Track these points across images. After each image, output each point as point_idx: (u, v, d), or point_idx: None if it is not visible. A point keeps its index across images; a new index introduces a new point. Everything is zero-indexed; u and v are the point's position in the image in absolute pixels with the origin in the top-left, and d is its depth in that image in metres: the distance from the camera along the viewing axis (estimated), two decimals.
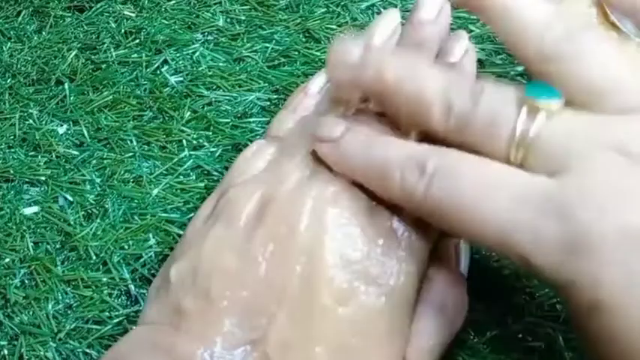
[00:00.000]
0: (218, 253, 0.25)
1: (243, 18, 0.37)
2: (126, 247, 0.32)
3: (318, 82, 0.32)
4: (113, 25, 0.37)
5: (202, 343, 0.23)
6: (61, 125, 0.36)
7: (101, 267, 0.32)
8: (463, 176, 0.22)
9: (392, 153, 0.24)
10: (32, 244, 0.33)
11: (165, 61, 0.37)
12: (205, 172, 0.34)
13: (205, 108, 0.35)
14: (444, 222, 0.23)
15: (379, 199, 0.25)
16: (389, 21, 0.31)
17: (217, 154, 0.34)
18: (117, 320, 0.31)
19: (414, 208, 0.23)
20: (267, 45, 0.37)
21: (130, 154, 0.35)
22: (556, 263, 0.20)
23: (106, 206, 0.33)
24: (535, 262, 0.20)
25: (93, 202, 0.34)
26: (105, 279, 0.32)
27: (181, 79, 0.36)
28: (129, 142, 0.35)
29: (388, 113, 0.26)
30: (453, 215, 0.22)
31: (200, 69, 0.36)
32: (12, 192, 0.34)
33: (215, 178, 0.33)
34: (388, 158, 0.24)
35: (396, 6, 0.37)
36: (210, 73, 0.36)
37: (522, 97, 0.22)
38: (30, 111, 0.36)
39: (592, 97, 0.21)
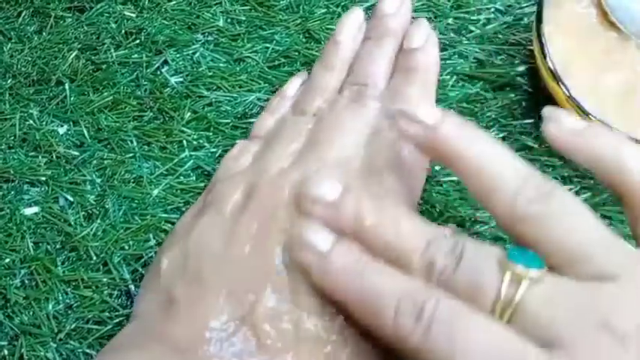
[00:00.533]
0: (206, 238, 0.27)
1: (243, 18, 0.37)
2: (126, 247, 0.32)
3: (294, 85, 0.34)
4: (113, 26, 0.37)
5: (193, 325, 0.24)
6: (62, 126, 0.36)
7: (101, 267, 0.32)
8: (460, 333, 0.21)
9: (386, 286, 0.22)
10: (32, 244, 0.33)
11: (166, 62, 0.37)
12: (205, 172, 0.34)
13: (206, 108, 0.35)
14: None
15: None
16: (354, 18, 0.33)
17: (217, 155, 0.34)
18: (117, 320, 0.31)
19: (403, 347, 0.22)
20: (267, 45, 0.37)
21: (131, 154, 0.35)
22: None
23: (107, 206, 0.33)
24: None
25: (93, 202, 0.34)
26: (105, 279, 0.32)
27: (182, 79, 0.36)
28: (129, 142, 0.35)
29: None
30: None
31: (200, 69, 0.36)
32: (12, 192, 0.34)
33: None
34: (382, 291, 0.22)
35: None
36: (210, 74, 0.36)
37: (505, 262, 0.21)
38: (30, 111, 0.36)
39: (564, 262, 0.22)
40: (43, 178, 0.34)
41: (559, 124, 0.24)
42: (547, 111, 0.25)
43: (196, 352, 0.24)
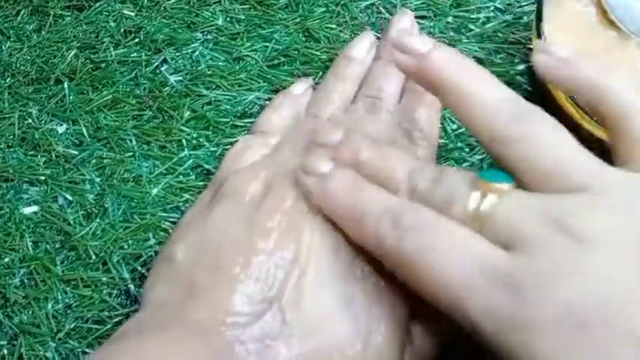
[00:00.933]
0: (225, 225, 0.27)
1: (242, 17, 0.37)
2: (125, 246, 0.32)
3: (300, 87, 0.35)
4: (112, 25, 0.37)
5: (216, 309, 0.25)
6: (61, 125, 0.36)
7: (101, 267, 0.32)
8: (434, 236, 0.23)
9: (372, 200, 0.25)
10: (32, 243, 0.33)
11: (165, 61, 0.37)
12: (205, 171, 0.34)
13: (205, 107, 0.35)
14: (407, 276, 0.24)
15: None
16: (366, 39, 0.35)
17: (217, 154, 0.34)
18: (116, 320, 0.31)
19: (382, 256, 0.25)
20: (266, 44, 0.37)
21: (130, 153, 0.34)
22: (500, 334, 0.21)
23: (106, 206, 0.33)
24: (482, 330, 0.21)
25: (92, 201, 0.34)
26: (104, 278, 0.32)
27: (181, 78, 0.36)
28: (128, 141, 0.35)
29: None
30: (417, 271, 0.23)
31: (200, 68, 0.36)
32: (11, 191, 0.34)
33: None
34: (367, 205, 0.25)
35: (395, 5, 0.37)
36: (209, 73, 0.36)
37: (476, 179, 0.23)
38: (29, 110, 0.36)
39: (538, 178, 0.23)
40: (42, 178, 0.34)
41: (548, 54, 0.26)
42: (537, 44, 0.27)
43: (219, 336, 0.24)
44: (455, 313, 0.22)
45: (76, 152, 0.35)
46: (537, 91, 0.34)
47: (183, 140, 0.35)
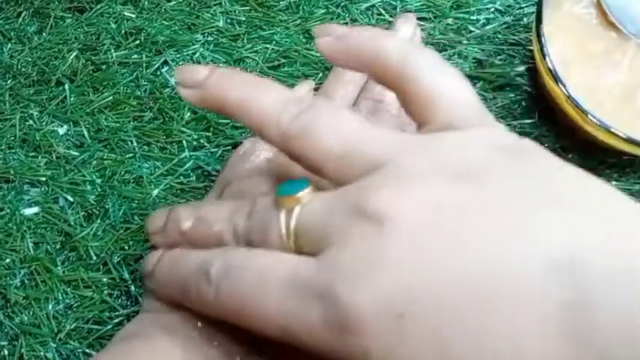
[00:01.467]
0: None
1: (243, 19, 0.37)
2: (126, 247, 0.32)
3: (302, 89, 0.34)
4: (113, 26, 0.37)
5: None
6: (62, 126, 0.36)
7: (101, 267, 0.32)
8: (242, 274, 0.22)
9: (187, 264, 0.24)
10: (32, 244, 0.33)
11: (166, 62, 0.37)
12: (205, 172, 0.34)
13: (205, 109, 0.35)
14: (239, 323, 0.23)
15: None
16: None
17: (217, 155, 0.34)
18: (117, 320, 0.31)
19: (214, 314, 0.23)
20: (267, 46, 0.37)
21: (131, 154, 0.35)
22: (330, 344, 0.20)
23: (107, 207, 0.33)
24: (314, 348, 0.20)
25: (93, 202, 0.34)
26: (105, 279, 0.32)
27: None
28: (129, 142, 0.35)
29: None
30: (241, 314, 0.22)
31: None
32: (12, 192, 0.34)
33: (215, 179, 0.33)
34: (184, 270, 0.24)
35: (395, 7, 0.37)
36: None
37: (277, 198, 0.23)
38: (30, 112, 0.36)
39: (335, 167, 0.22)
40: (43, 179, 0.34)
41: (326, 36, 0.25)
42: (316, 29, 0.26)
43: (218, 344, 0.24)
44: (290, 341, 0.21)
45: (76, 153, 0.35)
46: (537, 92, 0.34)
47: (184, 141, 0.35)
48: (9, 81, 0.37)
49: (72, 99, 0.36)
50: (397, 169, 0.21)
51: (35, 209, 0.34)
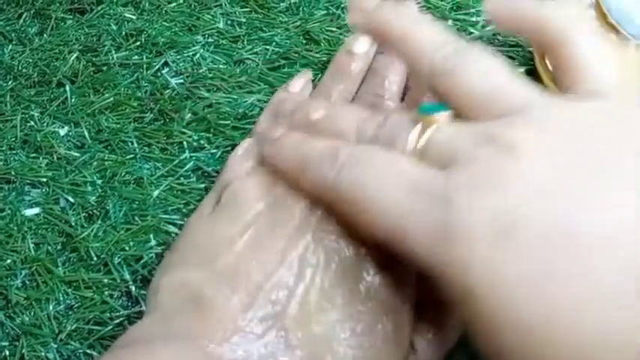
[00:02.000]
0: (229, 237, 0.27)
1: (243, 20, 0.37)
2: (127, 248, 0.33)
3: (298, 84, 0.35)
4: (114, 28, 0.38)
5: (221, 323, 0.24)
6: (62, 127, 0.36)
7: (102, 268, 0.32)
8: (369, 166, 0.24)
9: (313, 149, 0.26)
10: (33, 245, 0.33)
11: (166, 63, 0.37)
12: (206, 173, 0.34)
13: (206, 110, 0.35)
14: (350, 212, 0.24)
15: None
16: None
17: (218, 156, 0.34)
18: (118, 321, 0.31)
19: (328, 198, 0.25)
20: (267, 47, 0.37)
21: (131, 155, 0.35)
22: (435, 252, 0.21)
23: (107, 207, 0.33)
24: (419, 254, 0.21)
25: (94, 203, 0.34)
26: (106, 280, 0.32)
27: (182, 81, 0.36)
28: (130, 143, 0.35)
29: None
30: (356, 205, 0.24)
31: (201, 71, 0.36)
32: (13, 193, 0.34)
33: (215, 180, 0.33)
34: (309, 154, 0.26)
35: None
36: (210, 75, 0.36)
37: (416, 115, 0.24)
38: (31, 113, 0.36)
39: (475, 106, 0.24)
40: (44, 179, 0.34)
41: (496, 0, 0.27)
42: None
43: (223, 352, 0.24)
44: (395, 242, 0.22)
45: (77, 154, 0.35)
46: None
47: (184, 142, 0.35)
48: (10, 82, 0.37)
49: (73, 100, 0.36)
50: (534, 117, 0.22)
51: (36, 210, 0.34)
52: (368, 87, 0.33)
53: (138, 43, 0.37)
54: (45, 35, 0.38)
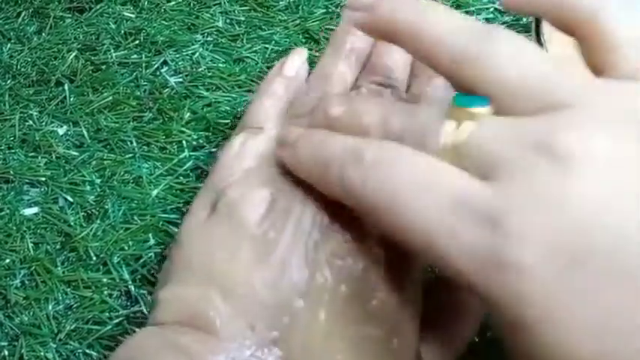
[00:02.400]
0: (226, 249, 0.25)
1: (242, 19, 0.37)
2: (126, 247, 0.32)
3: (294, 65, 0.32)
4: (113, 26, 0.37)
5: (223, 341, 0.23)
6: (61, 126, 0.36)
7: (101, 268, 0.32)
8: (400, 169, 0.21)
9: (335, 146, 0.23)
10: (32, 244, 0.33)
11: (165, 62, 0.37)
12: (205, 172, 0.34)
13: (205, 109, 0.35)
14: (379, 219, 0.22)
15: None
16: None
17: (217, 155, 0.34)
18: (117, 321, 0.31)
19: (353, 202, 0.23)
20: (266, 46, 0.37)
21: (130, 154, 0.35)
22: (481, 276, 0.19)
23: (106, 207, 0.33)
24: (462, 273, 0.19)
25: (93, 202, 0.34)
26: (105, 280, 0.32)
27: (181, 80, 0.36)
28: (129, 142, 0.35)
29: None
30: (386, 211, 0.21)
31: (200, 70, 0.36)
32: (12, 193, 0.34)
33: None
34: (330, 152, 0.23)
35: None
36: (209, 74, 0.36)
37: (450, 107, 0.21)
38: (30, 112, 0.36)
39: (510, 95, 0.21)
40: (43, 179, 0.34)
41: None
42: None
43: None
44: (430, 255, 0.20)
45: (76, 153, 0.35)
46: None
47: (184, 142, 0.35)
48: (8, 81, 0.37)
49: (71, 99, 0.36)
50: (587, 112, 0.19)
51: (35, 209, 0.34)
52: (370, 71, 0.31)
53: (137, 41, 0.37)
54: (44, 34, 0.38)
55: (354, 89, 0.30)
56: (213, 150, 0.34)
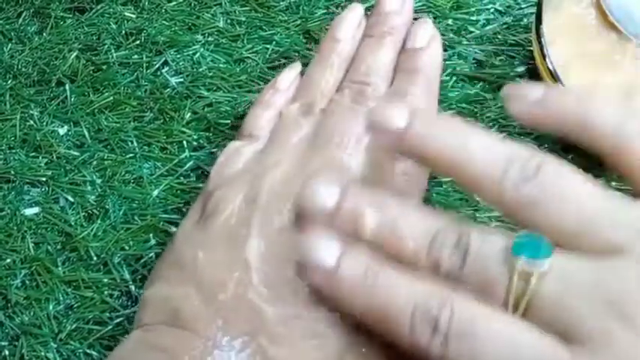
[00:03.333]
0: (209, 249, 0.26)
1: (243, 19, 0.37)
2: (126, 247, 0.32)
3: (287, 78, 0.33)
4: (114, 27, 0.37)
5: (200, 338, 0.24)
6: (62, 126, 0.36)
7: (102, 268, 0.32)
8: (480, 338, 0.20)
9: (398, 295, 0.21)
10: (33, 244, 0.33)
11: (166, 62, 0.37)
12: (205, 173, 0.34)
13: (206, 109, 0.35)
14: None
15: None
16: (354, 14, 0.32)
17: (217, 155, 0.34)
18: (117, 321, 0.31)
19: (428, 358, 0.21)
20: (267, 46, 0.37)
21: (131, 155, 0.35)
22: None
23: (107, 207, 0.33)
24: None
25: (93, 202, 0.34)
26: (105, 280, 0.32)
27: (182, 80, 0.36)
28: (129, 143, 0.35)
29: None
30: None
31: (200, 70, 0.36)
32: (13, 193, 0.34)
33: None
34: (394, 301, 0.21)
35: None
36: (210, 74, 0.36)
37: (510, 256, 0.20)
38: (31, 112, 0.36)
39: (568, 241, 0.20)
40: (44, 179, 0.34)
41: (519, 99, 0.23)
42: (505, 91, 0.24)
43: None
44: None
45: (77, 153, 0.35)
46: None
47: (184, 142, 0.35)
48: (9, 81, 0.37)
49: (72, 99, 0.36)
50: None
51: (35, 209, 0.34)
52: (352, 74, 0.31)
53: (137, 42, 0.37)
54: (44, 34, 0.38)
55: (338, 91, 0.31)
56: (214, 150, 0.34)
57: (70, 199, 0.34)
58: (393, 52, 0.31)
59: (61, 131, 0.35)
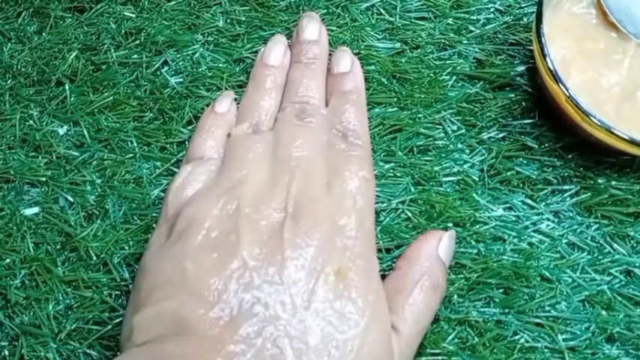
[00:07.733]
0: (197, 261, 0.27)
1: (243, 19, 0.37)
2: (126, 247, 0.32)
3: (225, 103, 0.34)
4: (113, 26, 0.37)
5: (207, 338, 0.24)
6: (62, 126, 0.36)
7: (102, 267, 0.32)
8: None
9: None
10: (33, 244, 0.33)
11: (166, 62, 0.37)
12: None
13: (205, 109, 0.35)
14: None
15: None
16: (280, 43, 0.36)
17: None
18: (117, 321, 0.31)
19: None
20: None
21: (131, 155, 0.35)
22: None
23: (107, 207, 0.33)
24: None
25: (93, 202, 0.34)
26: (105, 279, 0.32)
27: (181, 79, 0.36)
28: (129, 142, 0.35)
29: None
30: None
31: (200, 70, 0.36)
32: (12, 193, 0.34)
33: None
34: None
35: (395, 7, 0.37)
36: (210, 74, 0.36)
37: None
38: (30, 112, 0.36)
39: None
40: (43, 179, 0.34)
41: None
42: None
43: None
44: None
45: (76, 153, 0.35)
46: (537, 92, 0.34)
47: (184, 142, 0.35)
48: (9, 81, 0.37)
49: (72, 99, 0.36)
50: None
51: (35, 209, 0.34)
52: (291, 95, 0.33)
53: (137, 41, 0.37)
54: (44, 34, 0.38)
55: (280, 111, 0.33)
56: None
57: (70, 199, 0.34)
58: (322, 76, 0.34)
59: (61, 131, 0.35)
